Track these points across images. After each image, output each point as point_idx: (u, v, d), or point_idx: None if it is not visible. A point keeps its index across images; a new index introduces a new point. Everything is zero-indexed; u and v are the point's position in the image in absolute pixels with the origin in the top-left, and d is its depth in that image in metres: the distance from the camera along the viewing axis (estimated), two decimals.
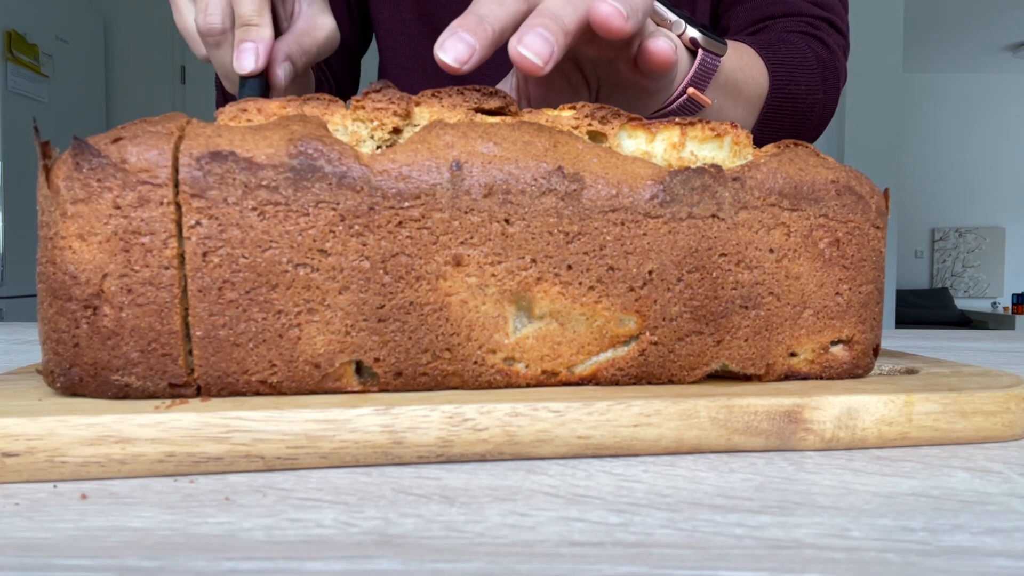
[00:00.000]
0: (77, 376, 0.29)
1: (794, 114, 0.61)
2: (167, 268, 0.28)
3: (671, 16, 0.45)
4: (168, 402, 0.28)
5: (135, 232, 0.28)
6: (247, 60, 0.43)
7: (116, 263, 0.28)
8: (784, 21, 0.67)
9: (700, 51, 0.45)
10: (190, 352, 0.29)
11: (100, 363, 0.29)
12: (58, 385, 0.29)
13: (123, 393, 0.29)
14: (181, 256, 0.29)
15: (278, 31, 0.47)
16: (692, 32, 0.44)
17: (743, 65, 0.54)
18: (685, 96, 0.46)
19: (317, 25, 0.48)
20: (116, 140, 0.28)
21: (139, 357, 0.29)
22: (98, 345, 0.29)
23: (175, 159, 0.28)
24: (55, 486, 0.25)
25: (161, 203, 0.28)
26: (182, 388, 0.29)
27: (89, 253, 0.28)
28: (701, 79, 0.46)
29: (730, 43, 0.53)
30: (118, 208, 0.28)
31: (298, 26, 0.48)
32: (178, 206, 0.28)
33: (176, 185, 0.28)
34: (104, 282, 0.28)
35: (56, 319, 0.29)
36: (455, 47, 0.33)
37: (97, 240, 0.28)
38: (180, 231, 0.28)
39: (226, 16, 0.45)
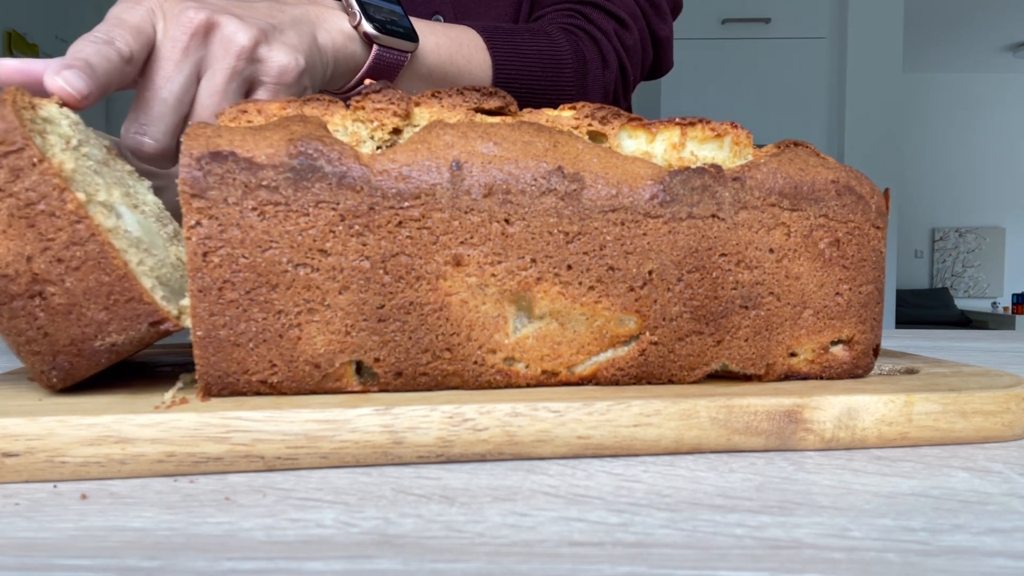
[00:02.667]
0: (65, 362, 0.29)
1: (535, 103, 0.60)
2: (78, 222, 0.28)
3: (354, 5, 0.46)
4: (168, 402, 0.28)
5: (29, 204, 0.27)
6: None
7: (31, 242, 0.27)
8: (552, 12, 0.67)
9: (375, 46, 0.46)
10: (151, 289, 0.29)
11: (77, 339, 0.28)
12: (54, 381, 0.29)
13: (115, 354, 0.29)
14: (83, 205, 0.28)
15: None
16: (367, 27, 0.46)
17: (456, 57, 0.55)
18: (362, 86, 0.48)
19: None
20: None
21: (107, 315, 0.28)
22: (64, 324, 0.28)
23: (21, 121, 0.27)
24: (55, 486, 0.25)
25: (33, 164, 0.27)
26: (162, 324, 0.29)
27: (2, 247, 0.28)
28: (381, 72, 0.47)
29: (449, 30, 0.55)
30: (1, 190, 0.27)
31: None
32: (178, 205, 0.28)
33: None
34: (31, 265, 0.27)
35: (13, 323, 0.28)
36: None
37: (0, 229, 0.27)
38: (69, 183, 0.27)
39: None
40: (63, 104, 0.32)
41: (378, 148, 0.31)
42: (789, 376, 0.35)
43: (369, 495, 0.25)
